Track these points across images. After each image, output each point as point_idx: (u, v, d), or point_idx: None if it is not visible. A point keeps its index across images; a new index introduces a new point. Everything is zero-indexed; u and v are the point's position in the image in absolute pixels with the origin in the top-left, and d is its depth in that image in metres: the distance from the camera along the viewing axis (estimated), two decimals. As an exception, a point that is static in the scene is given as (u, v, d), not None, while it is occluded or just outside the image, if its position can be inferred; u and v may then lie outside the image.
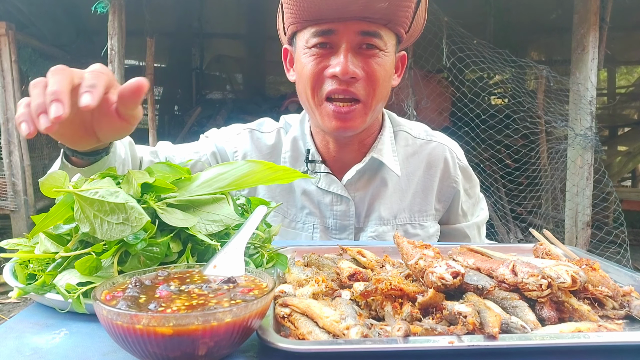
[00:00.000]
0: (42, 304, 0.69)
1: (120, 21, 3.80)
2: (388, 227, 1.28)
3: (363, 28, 1.10)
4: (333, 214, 1.28)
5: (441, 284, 0.63)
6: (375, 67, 1.12)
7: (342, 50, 1.09)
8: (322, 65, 1.12)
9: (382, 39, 1.12)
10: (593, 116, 3.60)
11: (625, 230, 3.70)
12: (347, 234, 1.29)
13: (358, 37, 1.10)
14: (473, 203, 1.40)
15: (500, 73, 4.16)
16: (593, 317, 0.63)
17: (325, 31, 1.10)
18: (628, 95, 6.89)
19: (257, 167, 0.80)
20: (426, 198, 1.31)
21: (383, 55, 1.14)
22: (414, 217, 1.31)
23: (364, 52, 1.12)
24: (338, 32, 1.10)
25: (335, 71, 1.09)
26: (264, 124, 1.39)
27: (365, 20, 1.09)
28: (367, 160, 1.25)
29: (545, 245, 0.91)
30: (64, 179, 0.76)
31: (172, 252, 0.71)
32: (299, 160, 1.31)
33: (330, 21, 1.09)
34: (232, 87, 7.18)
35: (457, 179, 1.33)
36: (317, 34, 1.11)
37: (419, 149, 1.33)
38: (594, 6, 3.51)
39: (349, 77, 1.10)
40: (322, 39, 1.11)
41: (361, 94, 1.12)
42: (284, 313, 0.63)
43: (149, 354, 0.49)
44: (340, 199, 1.27)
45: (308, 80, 1.14)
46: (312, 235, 1.29)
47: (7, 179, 4.35)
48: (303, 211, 1.30)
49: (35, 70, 4.61)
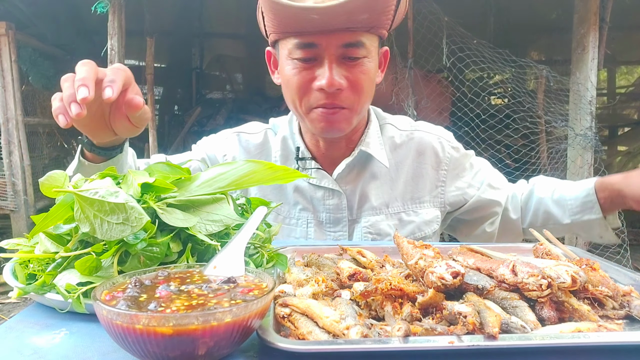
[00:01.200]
0: (42, 304, 0.69)
1: (120, 21, 3.80)
2: (381, 217, 1.30)
3: (345, 40, 1.10)
4: (326, 208, 1.31)
5: (441, 284, 0.63)
6: (360, 75, 1.14)
7: (325, 63, 1.11)
8: (307, 78, 1.14)
9: (364, 46, 1.13)
10: (593, 116, 3.60)
11: (625, 230, 3.70)
12: (341, 226, 1.31)
13: (341, 50, 1.11)
14: (478, 171, 1.39)
15: (500, 73, 4.16)
16: (593, 317, 0.63)
17: (307, 44, 1.11)
18: (628, 95, 6.89)
19: (257, 167, 0.80)
20: (417, 185, 1.34)
21: (367, 61, 1.15)
22: (406, 204, 1.33)
23: (348, 63, 1.13)
24: (321, 46, 1.11)
25: (321, 84, 1.11)
26: (250, 125, 1.43)
27: (347, 31, 1.10)
28: (356, 153, 1.29)
29: (545, 245, 0.91)
30: (64, 179, 0.76)
31: (172, 252, 0.71)
32: (290, 159, 1.34)
33: (312, 34, 1.10)
34: (232, 87, 7.18)
35: (449, 160, 1.35)
36: (300, 47, 1.12)
37: (406, 139, 1.36)
38: (594, 6, 3.51)
39: (335, 89, 1.11)
40: (305, 53, 1.12)
41: (346, 103, 1.15)
42: (284, 313, 0.63)
43: (149, 354, 0.49)
44: (332, 193, 1.30)
45: (295, 92, 1.17)
46: (306, 230, 1.32)
47: (7, 179, 4.35)
48: (296, 207, 1.33)
49: (35, 70, 4.61)
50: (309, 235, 1.31)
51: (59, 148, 5.38)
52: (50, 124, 5.10)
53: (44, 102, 4.93)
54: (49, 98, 5.00)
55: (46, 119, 4.97)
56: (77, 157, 1.06)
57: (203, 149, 1.41)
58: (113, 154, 1.06)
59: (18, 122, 4.32)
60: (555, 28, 5.18)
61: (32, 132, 4.63)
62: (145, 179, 0.74)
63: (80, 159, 1.06)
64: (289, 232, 1.33)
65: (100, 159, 1.05)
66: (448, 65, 3.76)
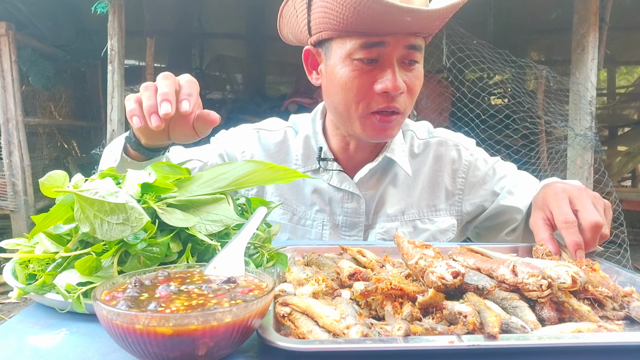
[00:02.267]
0: (42, 304, 0.69)
1: (120, 21, 3.79)
2: (396, 223, 1.29)
3: (410, 42, 1.08)
4: (344, 211, 1.29)
5: (441, 284, 0.63)
6: (415, 80, 1.13)
7: (391, 64, 1.08)
8: (369, 80, 1.10)
9: (421, 50, 1.12)
10: (593, 116, 3.60)
11: (625, 230, 3.70)
12: (356, 231, 1.30)
13: (404, 51, 1.09)
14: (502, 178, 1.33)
15: (500, 73, 4.16)
16: (593, 318, 0.63)
17: (375, 43, 1.06)
18: (628, 95, 6.89)
19: (257, 167, 0.80)
20: (433, 193, 1.32)
21: (419, 66, 1.14)
22: (422, 212, 1.31)
23: (407, 67, 1.11)
24: (388, 45, 1.07)
25: (386, 86, 1.07)
26: (271, 122, 1.41)
27: (412, 34, 1.08)
28: (380, 159, 1.27)
29: (545, 246, 0.91)
30: (64, 179, 0.76)
31: (172, 252, 0.71)
32: (311, 158, 1.32)
33: (381, 35, 1.06)
34: (232, 87, 7.17)
35: (467, 168, 1.32)
36: (366, 46, 1.07)
37: (424, 147, 1.34)
38: (594, 6, 3.51)
39: (399, 93, 1.09)
40: (369, 53, 1.07)
41: (402, 107, 1.13)
42: (284, 312, 0.63)
43: (149, 354, 0.49)
44: (351, 197, 1.29)
45: (354, 95, 1.12)
46: (321, 232, 1.30)
47: (7, 179, 4.35)
48: (312, 208, 1.31)
49: (35, 71, 4.61)
50: (323, 237, 1.30)
51: (59, 148, 5.38)
52: (50, 124, 5.10)
53: (44, 102, 4.93)
54: (49, 98, 5.04)
55: (46, 119, 4.97)
56: (120, 153, 1.09)
57: (222, 144, 1.38)
58: (157, 155, 1.09)
59: (18, 122, 4.32)
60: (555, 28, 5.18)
61: (32, 132, 4.63)
62: (145, 179, 0.74)
63: (122, 155, 1.09)
64: (303, 233, 1.31)
65: (143, 158, 1.09)
66: (448, 65, 3.76)
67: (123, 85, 3.96)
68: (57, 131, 5.24)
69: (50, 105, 5.12)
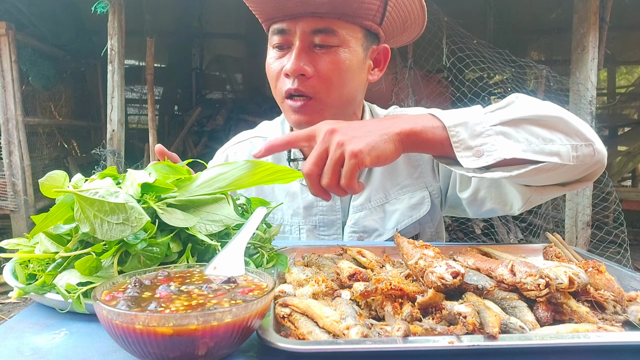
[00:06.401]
0: (42, 304, 0.69)
1: (120, 21, 3.80)
2: (364, 212, 1.27)
3: (313, 26, 1.10)
4: (320, 210, 1.28)
5: (441, 284, 0.63)
6: (329, 65, 1.11)
7: (294, 49, 1.11)
8: (280, 65, 1.15)
9: (337, 35, 1.11)
10: (593, 116, 3.60)
11: (625, 230, 3.70)
12: (335, 229, 1.28)
13: (310, 37, 1.11)
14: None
15: (500, 73, 4.16)
16: (591, 319, 0.63)
17: (279, 30, 1.13)
18: (628, 95, 6.89)
19: (257, 167, 0.80)
20: (395, 172, 1.29)
21: (342, 51, 1.12)
22: (388, 194, 1.28)
23: (317, 51, 1.12)
24: (290, 32, 1.12)
25: (286, 69, 1.11)
26: (237, 136, 1.45)
27: (314, 16, 1.09)
28: None
29: (555, 248, 0.91)
30: (64, 179, 0.76)
31: (172, 252, 0.71)
32: (282, 161, 1.30)
33: (281, 19, 1.12)
34: (232, 87, 7.18)
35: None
36: (275, 33, 1.14)
37: None
38: (594, 6, 3.51)
39: (299, 74, 1.10)
40: (279, 39, 1.14)
41: (311, 91, 1.13)
42: (284, 313, 0.63)
43: (149, 354, 0.49)
44: None
45: (272, 80, 1.18)
46: (299, 236, 1.29)
47: (7, 179, 4.35)
48: (287, 213, 1.30)
49: (35, 71, 4.61)
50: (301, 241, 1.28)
51: (59, 148, 5.38)
52: (50, 124, 5.10)
53: (44, 102, 4.93)
54: (49, 98, 5.04)
55: (46, 119, 4.97)
56: None
57: (225, 154, 1.42)
58: None
59: (18, 122, 4.32)
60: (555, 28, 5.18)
61: (32, 132, 4.63)
62: (145, 179, 0.74)
63: None
64: (281, 240, 1.29)
65: None
66: (448, 65, 3.76)
67: (123, 85, 3.96)
68: (57, 131, 5.24)
69: (50, 105, 5.12)
